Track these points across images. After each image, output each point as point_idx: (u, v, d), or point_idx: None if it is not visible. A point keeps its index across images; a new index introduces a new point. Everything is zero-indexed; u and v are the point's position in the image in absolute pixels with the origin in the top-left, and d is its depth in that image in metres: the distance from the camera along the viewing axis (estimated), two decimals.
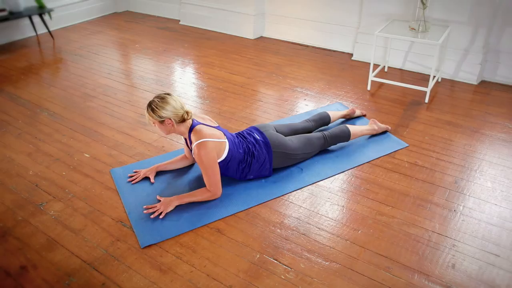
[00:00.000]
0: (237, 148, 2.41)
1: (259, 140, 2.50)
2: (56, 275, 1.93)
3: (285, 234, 2.14)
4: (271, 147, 2.49)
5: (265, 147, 2.48)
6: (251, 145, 2.47)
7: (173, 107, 2.26)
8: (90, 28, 5.62)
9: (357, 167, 2.66)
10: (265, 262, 1.98)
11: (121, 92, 3.74)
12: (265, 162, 2.48)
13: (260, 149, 2.47)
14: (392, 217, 2.25)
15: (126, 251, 2.05)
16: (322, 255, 2.02)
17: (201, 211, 2.29)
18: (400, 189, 2.46)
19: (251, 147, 2.46)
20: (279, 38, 5.07)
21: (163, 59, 4.51)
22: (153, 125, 2.35)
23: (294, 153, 2.57)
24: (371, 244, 2.07)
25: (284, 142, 2.55)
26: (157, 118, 2.26)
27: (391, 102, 3.50)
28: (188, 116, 2.31)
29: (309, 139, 2.66)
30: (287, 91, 3.73)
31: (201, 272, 1.93)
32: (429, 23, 3.54)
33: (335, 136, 2.75)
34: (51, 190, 2.49)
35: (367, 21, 4.23)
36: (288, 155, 2.55)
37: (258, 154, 2.46)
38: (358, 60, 4.39)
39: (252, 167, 2.46)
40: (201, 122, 2.38)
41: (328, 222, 2.22)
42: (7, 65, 4.39)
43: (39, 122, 3.25)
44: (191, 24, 5.62)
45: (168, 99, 2.27)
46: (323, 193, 2.44)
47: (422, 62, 4.02)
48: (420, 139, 2.96)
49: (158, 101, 2.26)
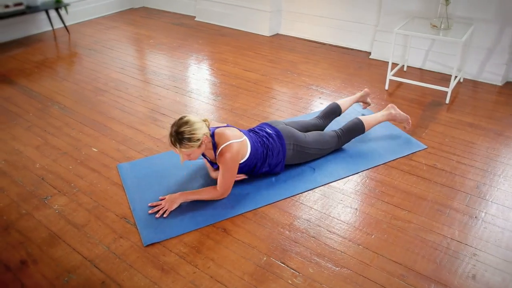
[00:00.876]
0: (255, 143, 2.32)
1: (271, 133, 2.42)
2: (56, 271, 1.87)
3: (294, 237, 2.04)
4: (284, 139, 2.40)
5: (278, 140, 2.39)
6: (265, 138, 2.39)
7: (198, 122, 2.08)
8: (105, 23, 5.61)
9: (372, 169, 2.54)
10: (272, 265, 1.88)
11: (132, 87, 3.69)
12: (279, 155, 2.39)
13: (273, 141, 2.38)
14: (408, 222, 2.12)
15: (129, 248, 1.98)
16: (332, 260, 1.91)
17: (208, 210, 2.21)
18: (418, 193, 2.33)
19: (265, 141, 2.37)
20: (295, 35, 4.96)
21: (177, 54, 4.45)
22: (188, 157, 2.11)
23: (307, 147, 2.47)
24: (385, 250, 1.95)
25: (297, 134, 2.46)
26: (196, 143, 2.06)
27: (410, 102, 3.36)
28: (208, 124, 2.19)
29: (321, 134, 2.57)
30: (302, 89, 3.62)
31: (205, 273, 1.85)
32: (452, 21, 3.38)
33: (349, 130, 2.63)
34: (57, 184, 2.44)
35: (386, 19, 4.08)
36: (301, 149, 2.45)
37: (272, 147, 2.37)
38: (376, 59, 4.25)
39: (267, 160, 2.37)
40: (216, 127, 2.28)
41: (340, 225, 2.11)
42: (22, 58, 4.39)
43: (49, 115, 3.22)
44: (206, 21, 5.56)
45: (189, 118, 2.07)
46: (335, 194, 2.33)
47: (444, 62, 3.86)
48: (439, 141, 2.81)
49: (185, 128, 2.03)
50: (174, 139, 2.05)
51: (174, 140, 2.05)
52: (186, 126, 2.04)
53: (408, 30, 3.36)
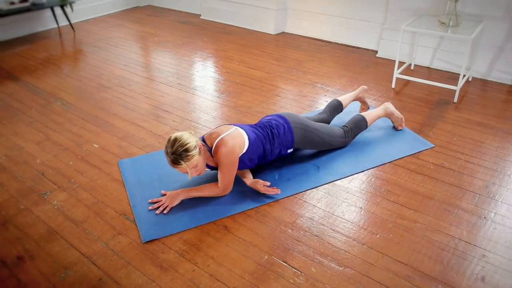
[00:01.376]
0: (254, 130, 2.29)
1: (272, 117, 2.41)
2: (53, 267, 1.83)
3: (296, 235, 1.99)
4: (286, 118, 2.38)
5: (280, 119, 2.37)
6: (266, 122, 2.37)
7: (185, 133, 2.05)
8: (111, 21, 5.59)
9: (377, 167, 2.48)
10: (273, 264, 1.83)
11: (136, 84, 3.66)
12: (286, 133, 2.33)
13: (276, 122, 2.35)
14: (415, 222, 2.06)
15: (127, 245, 1.94)
16: (335, 259, 1.85)
17: (209, 207, 2.16)
18: (424, 192, 2.27)
19: (267, 124, 2.35)
20: (301, 34, 4.91)
21: (181, 52, 4.42)
22: (195, 170, 2.07)
23: (314, 128, 2.42)
24: (390, 250, 1.89)
25: (300, 117, 2.44)
26: (195, 150, 2.02)
27: (417, 100, 3.29)
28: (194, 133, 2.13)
29: (326, 124, 2.58)
30: (307, 87, 3.57)
31: (204, 271, 1.80)
32: (461, 18, 3.31)
33: (354, 122, 2.63)
34: (57, 179, 2.41)
35: (393, 17, 4.02)
36: (308, 129, 2.40)
37: (277, 125, 2.33)
38: (383, 58, 4.18)
39: (276, 140, 2.31)
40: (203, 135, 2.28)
41: (344, 224, 2.06)
42: (27, 55, 4.38)
43: (51, 111, 3.19)
44: (212, 19, 5.52)
45: (175, 135, 2.03)
46: (340, 193, 2.27)
47: (452, 60, 3.79)
48: (447, 140, 2.75)
49: (178, 143, 1.99)
50: (174, 157, 1.99)
51: (175, 158, 1.99)
52: (177, 141, 2.00)
53: (416, 27, 3.30)
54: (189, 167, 2.02)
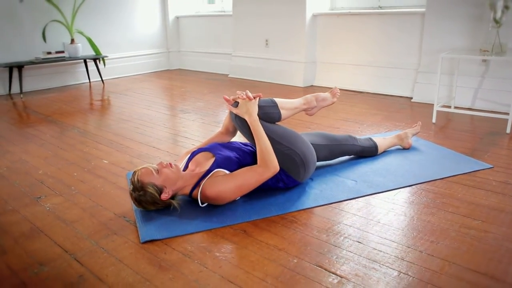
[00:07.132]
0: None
1: None
2: (26, 262, 1.47)
3: (333, 240, 1.57)
4: None
5: None
6: None
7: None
8: (140, 78, 5.69)
9: (426, 183, 2.08)
10: (305, 268, 1.40)
11: (157, 118, 3.50)
12: None
13: None
14: (485, 232, 1.61)
15: (122, 245, 1.57)
16: (385, 264, 1.41)
17: (225, 212, 1.79)
18: (490, 205, 1.83)
19: None
20: (330, 86, 4.78)
21: (206, 97, 4.32)
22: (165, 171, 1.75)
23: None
24: (459, 258, 1.44)
25: None
26: (156, 190, 1.71)
27: (464, 132, 2.94)
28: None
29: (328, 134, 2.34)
30: (338, 122, 3.30)
31: (214, 272, 1.39)
32: (506, 45, 3.09)
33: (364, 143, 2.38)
34: (56, 186, 2.12)
35: (428, 59, 3.85)
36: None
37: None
38: (418, 102, 3.92)
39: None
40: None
41: (393, 231, 1.63)
42: (55, 99, 4.38)
43: (66, 136, 3.02)
44: (240, 76, 5.53)
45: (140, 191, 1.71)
46: (384, 204, 1.87)
47: (496, 99, 3.48)
48: (508, 161, 2.34)
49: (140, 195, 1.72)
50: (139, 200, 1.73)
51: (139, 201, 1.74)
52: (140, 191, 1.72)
53: (455, 54, 3.08)
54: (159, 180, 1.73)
